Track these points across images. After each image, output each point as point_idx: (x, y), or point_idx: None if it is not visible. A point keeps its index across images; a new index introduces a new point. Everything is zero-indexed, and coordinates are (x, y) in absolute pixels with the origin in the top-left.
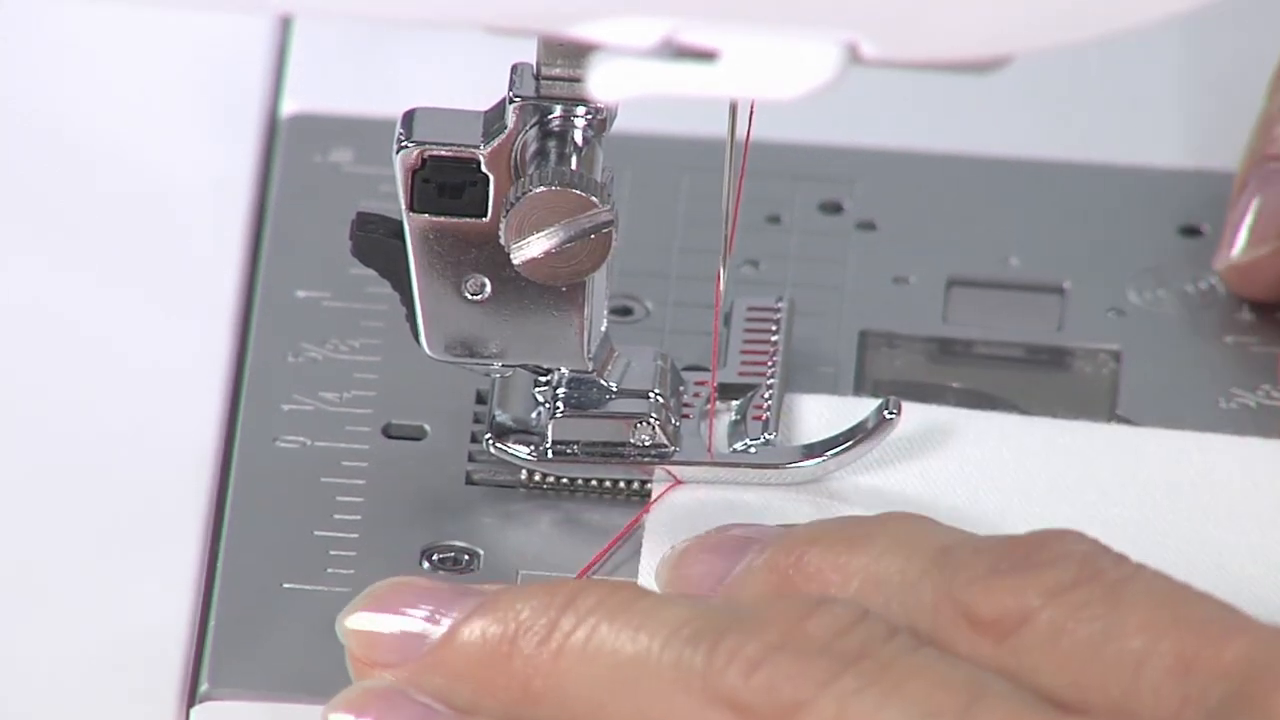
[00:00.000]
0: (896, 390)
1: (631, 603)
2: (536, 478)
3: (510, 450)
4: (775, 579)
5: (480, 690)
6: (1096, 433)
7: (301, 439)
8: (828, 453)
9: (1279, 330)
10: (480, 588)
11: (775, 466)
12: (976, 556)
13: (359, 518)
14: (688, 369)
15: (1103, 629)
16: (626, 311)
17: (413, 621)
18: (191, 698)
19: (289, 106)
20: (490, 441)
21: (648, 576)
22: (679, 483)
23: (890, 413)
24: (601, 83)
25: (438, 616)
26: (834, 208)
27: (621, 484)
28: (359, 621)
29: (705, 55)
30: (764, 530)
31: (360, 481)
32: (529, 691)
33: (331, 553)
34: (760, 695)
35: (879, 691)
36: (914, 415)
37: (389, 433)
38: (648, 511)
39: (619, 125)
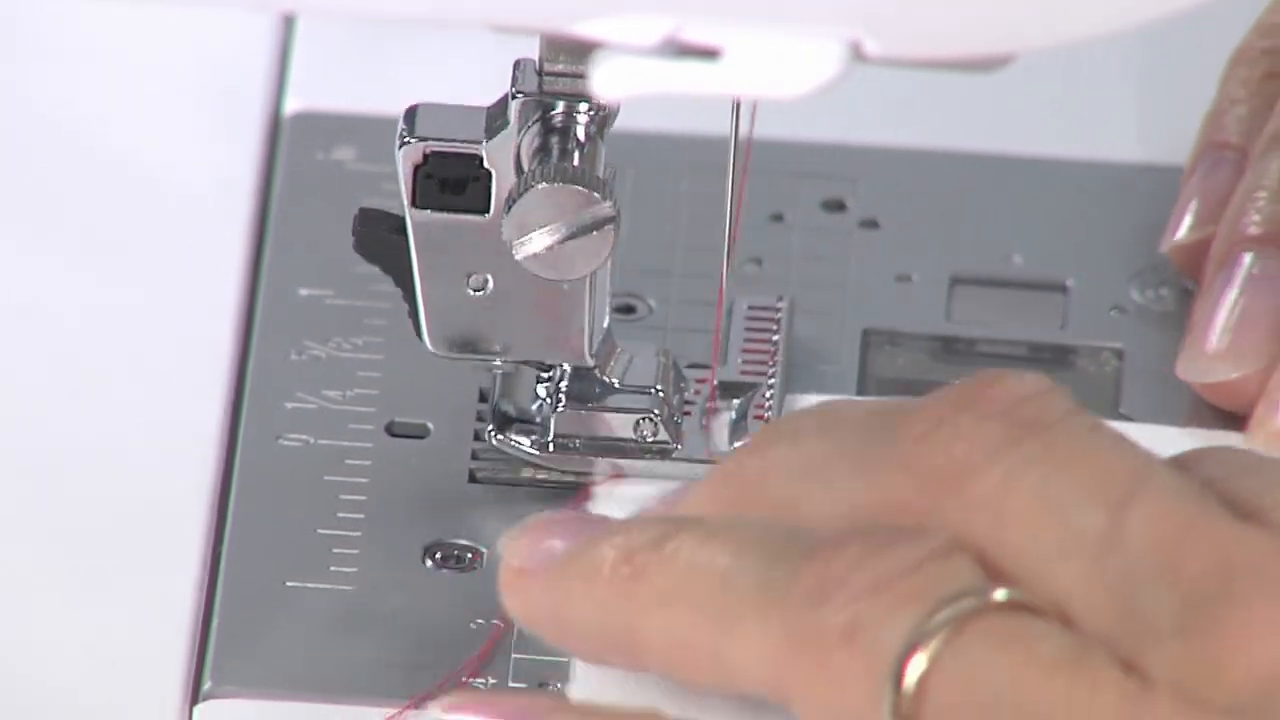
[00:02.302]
0: (899, 389)
1: (824, 407)
2: (540, 476)
3: (512, 441)
4: (716, 488)
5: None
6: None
7: (304, 437)
8: None
9: None
10: None
11: None
12: (914, 413)
13: (362, 516)
14: (690, 367)
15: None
16: (629, 310)
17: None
18: (195, 696)
19: (291, 104)
20: (492, 432)
21: None
22: (620, 474)
23: None
24: (604, 81)
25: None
26: (837, 206)
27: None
28: (513, 538)
29: (708, 53)
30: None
31: (363, 479)
32: (737, 504)
33: (334, 550)
34: (933, 454)
35: (1045, 466)
36: None
37: (392, 431)
38: (587, 499)
39: (621, 123)
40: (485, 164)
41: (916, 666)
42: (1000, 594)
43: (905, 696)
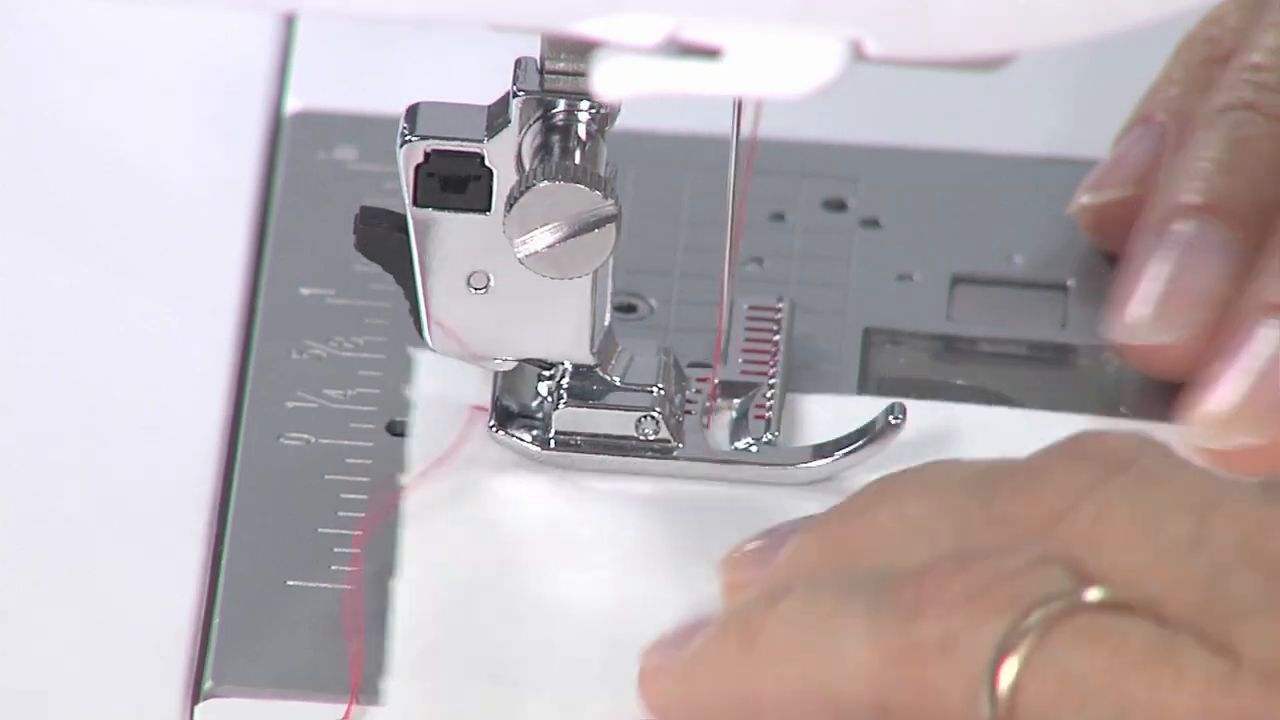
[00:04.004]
0: (900, 388)
1: (935, 467)
2: None
3: (512, 437)
4: (824, 548)
5: (811, 569)
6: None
7: (305, 436)
8: (829, 456)
9: None
10: None
11: (777, 465)
12: (1012, 472)
13: (363, 515)
14: (691, 366)
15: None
16: (630, 309)
17: (768, 546)
18: (196, 695)
19: (293, 104)
20: (493, 428)
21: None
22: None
23: (895, 419)
24: (605, 81)
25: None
26: (838, 205)
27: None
28: (731, 555)
29: (709, 53)
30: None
31: (364, 479)
32: (847, 556)
33: (335, 550)
34: (1029, 506)
35: (1135, 495)
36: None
37: (393, 430)
38: (408, 492)
39: (622, 122)
40: (486, 162)
41: (1010, 670)
42: (1092, 594)
43: (1001, 700)
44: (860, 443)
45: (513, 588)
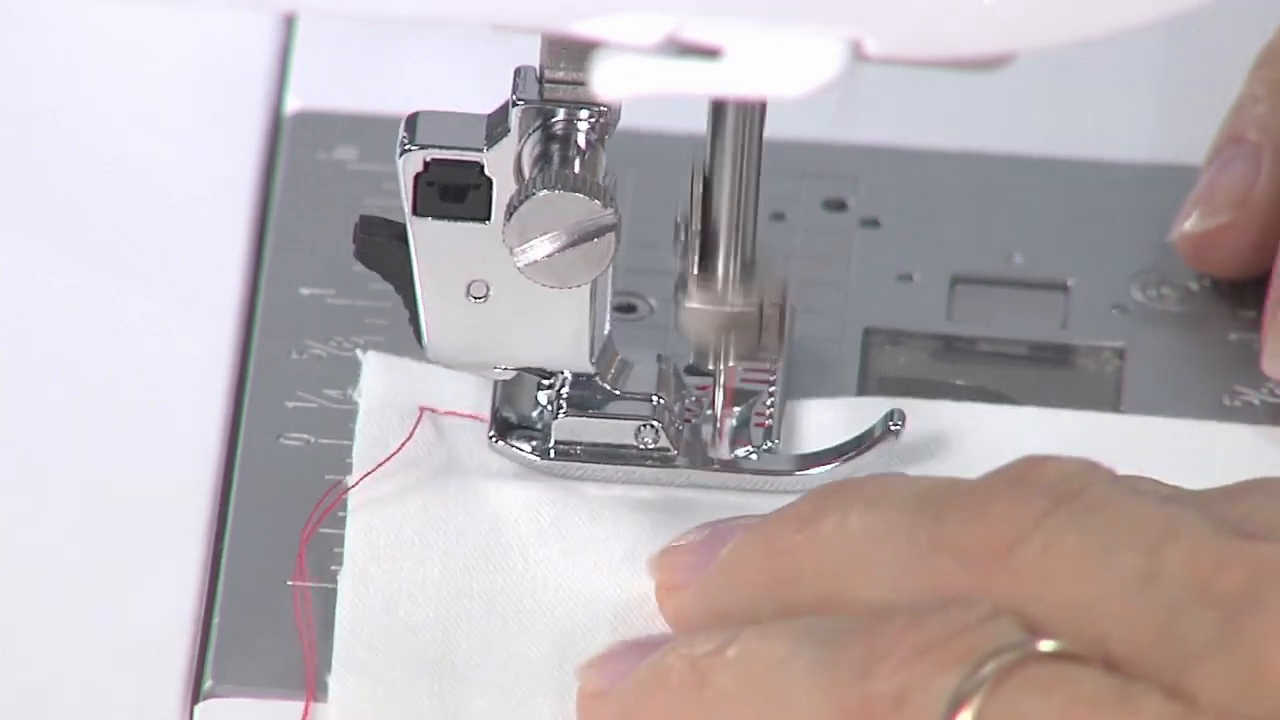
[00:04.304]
0: (900, 388)
1: (881, 482)
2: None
3: (512, 447)
4: (764, 560)
5: (752, 583)
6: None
7: (305, 436)
8: (828, 463)
9: None
10: None
11: (776, 473)
12: (960, 496)
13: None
14: (689, 370)
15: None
16: (629, 309)
17: (707, 548)
18: (195, 695)
19: (293, 104)
20: (493, 438)
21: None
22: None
23: (894, 425)
24: (604, 81)
25: (727, 538)
26: (838, 205)
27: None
28: (663, 554)
29: (709, 53)
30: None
31: None
32: (787, 575)
33: (335, 550)
34: (976, 537)
35: (1084, 527)
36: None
37: None
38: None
39: (623, 123)
40: (486, 171)
41: None
42: (1043, 645)
43: None
44: (859, 449)
45: (457, 584)
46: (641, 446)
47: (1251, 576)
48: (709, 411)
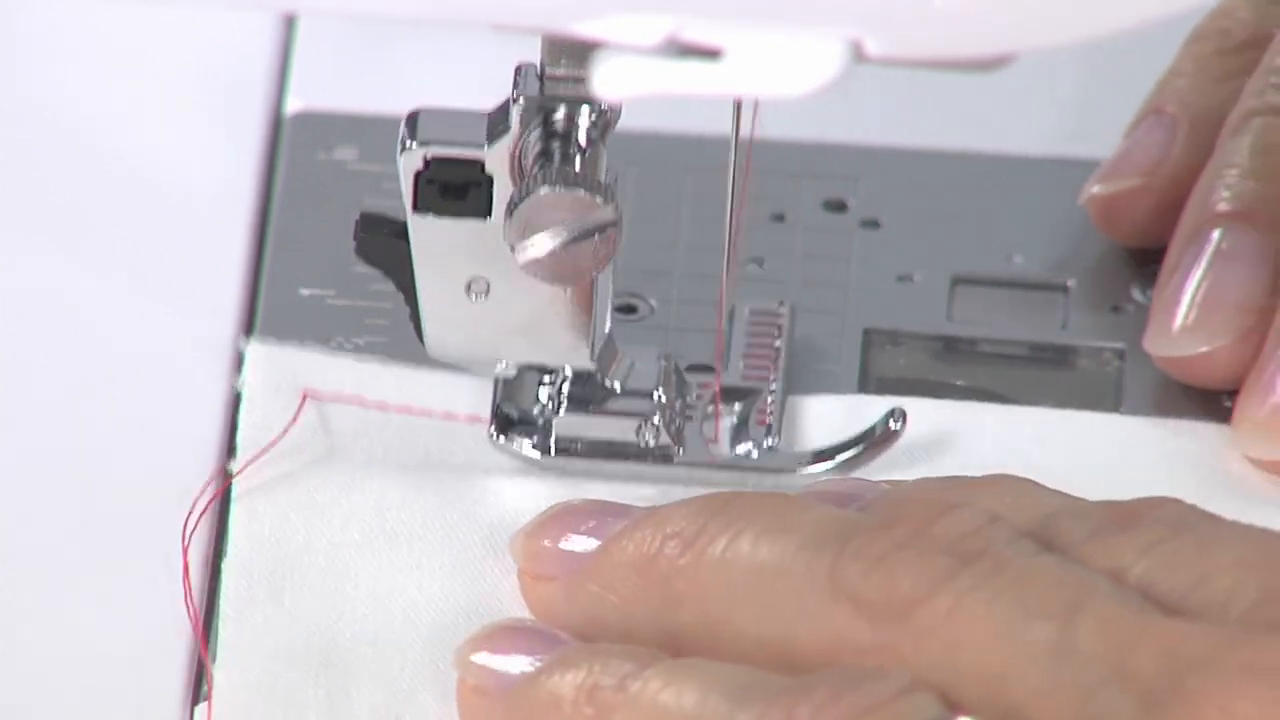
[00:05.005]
0: (900, 388)
1: (775, 510)
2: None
3: (513, 444)
4: (646, 576)
5: (629, 597)
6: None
7: None
8: (829, 460)
9: None
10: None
11: (778, 471)
12: (861, 540)
13: None
14: (691, 369)
15: (1192, 576)
16: (630, 309)
17: (576, 539)
18: (196, 695)
19: (293, 104)
20: (494, 435)
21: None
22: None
23: (895, 423)
24: (605, 81)
25: (599, 532)
26: (838, 206)
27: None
28: (528, 539)
29: (709, 53)
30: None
31: None
32: (670, 596)
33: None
34: (879, 591)
35: (991, 589)
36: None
37: None
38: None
39: (622, 123)
40: (487, 169)
41: None
42: None
43: None
44: (860, 447)
45: (342, 573)
46: (642, 444)
47: (1166, 657)
48: (710, 409)
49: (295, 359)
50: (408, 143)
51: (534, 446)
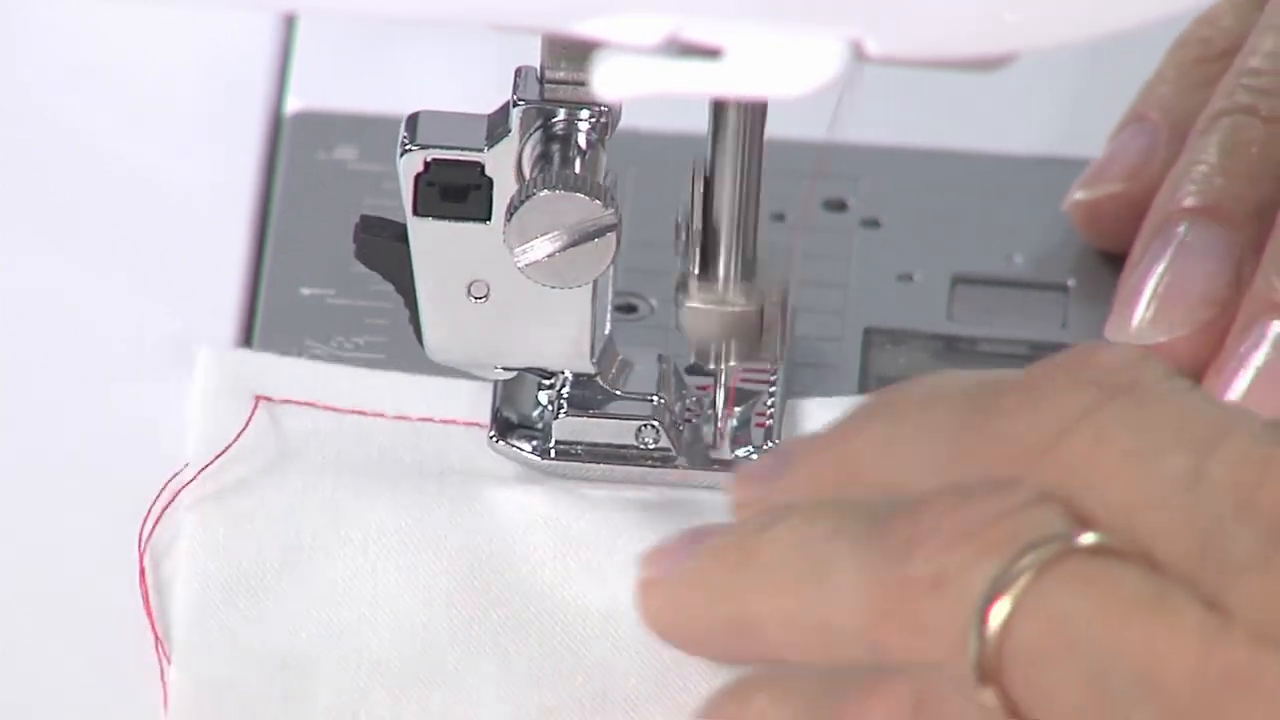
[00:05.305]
0: None
1: (932, 383)
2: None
3: (513, 447)
4: (826, 464)
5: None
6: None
7: None
8: None
9: None
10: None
11: None
12: (1011, 385)
13: None
14: (690, 370)
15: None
16: (630, 309)
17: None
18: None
19: (293, 104)
20: (493, 438)
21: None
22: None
23: None
24: (605, 81)
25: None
26: (838, 205)
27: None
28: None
29: (709, 53)
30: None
31: None
32: (847, 464)
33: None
34: (1026, 425)
35: (1134, 423)
36: None
37: None
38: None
39: (623, 122)
40: (487, 171)
41: (1000, 611)
42: (1086, 538)
43: (989, 641)
44: None
45: (297, 576)
46: (642, 446)
47: None
48: (709, 411)
49: (246, 363)
50: (408, 145)
51: (533, 450)
